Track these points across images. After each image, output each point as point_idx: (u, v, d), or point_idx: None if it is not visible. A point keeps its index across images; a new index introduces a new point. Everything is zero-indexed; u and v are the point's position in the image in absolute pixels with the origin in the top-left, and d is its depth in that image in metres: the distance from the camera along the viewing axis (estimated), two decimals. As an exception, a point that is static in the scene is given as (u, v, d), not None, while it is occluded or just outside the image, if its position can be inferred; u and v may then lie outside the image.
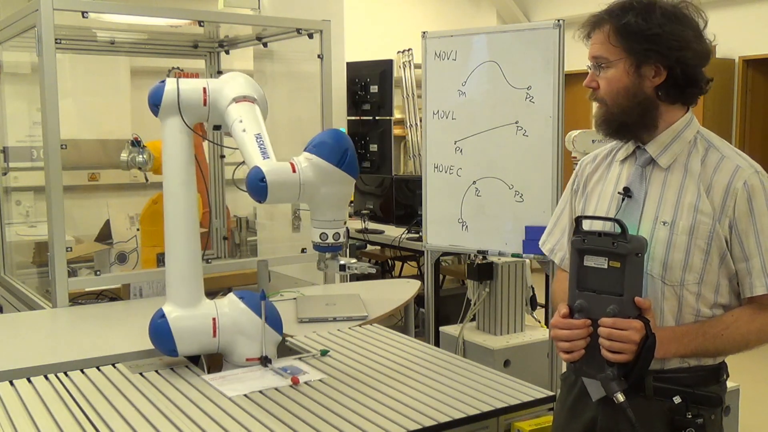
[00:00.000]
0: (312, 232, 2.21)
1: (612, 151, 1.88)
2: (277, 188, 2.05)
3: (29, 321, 2.98)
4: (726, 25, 6.92)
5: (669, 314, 1.70)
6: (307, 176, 2.09)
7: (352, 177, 2.16)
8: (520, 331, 4.02)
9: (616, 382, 1.62)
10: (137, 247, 3.55)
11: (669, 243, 1.68)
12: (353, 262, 2.27)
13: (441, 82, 3.90)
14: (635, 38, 1.67)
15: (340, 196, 2.18)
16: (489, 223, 3.79)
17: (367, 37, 7.30)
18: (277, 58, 4.12)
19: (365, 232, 5.67)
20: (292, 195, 2.12)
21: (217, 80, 2.32)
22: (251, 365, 2.19)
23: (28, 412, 1.88)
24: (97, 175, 5.17)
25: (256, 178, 2.03)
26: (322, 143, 2.14)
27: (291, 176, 2.08)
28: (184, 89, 2.24)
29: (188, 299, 2.22)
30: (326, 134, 2.20)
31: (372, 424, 1.79)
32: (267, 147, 2.12)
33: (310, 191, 2.11)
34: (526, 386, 2.04)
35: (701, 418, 1.65)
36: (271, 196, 2.05)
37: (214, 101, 2.26)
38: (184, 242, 2.26)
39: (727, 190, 1.66)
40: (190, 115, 2.25)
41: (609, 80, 1.71)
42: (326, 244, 2.21)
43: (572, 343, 1.67)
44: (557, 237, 1.97)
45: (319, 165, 2.10)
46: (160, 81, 2.28)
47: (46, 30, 2.91)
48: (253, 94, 2.26)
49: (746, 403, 3.32)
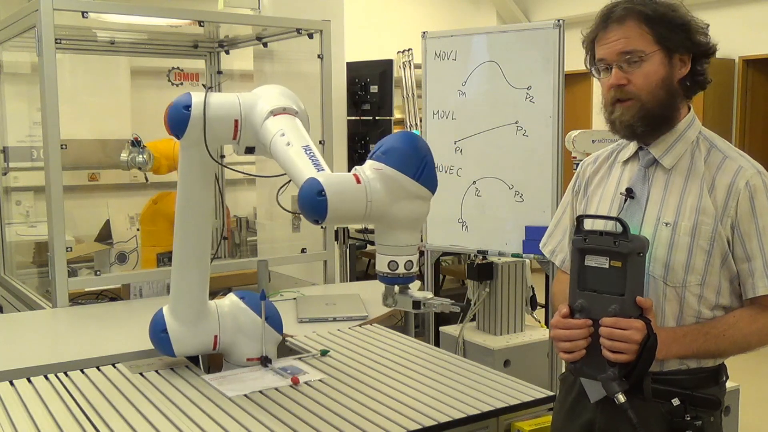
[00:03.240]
0: (378, 259, 1.79)
1: (613, 152, 1.87)
2: (339, 203, 1.66)
3: (29, 321, 2.98)
4: (726, 25, 6.92)
5: (670, 315, 1.69)
6: (376, 190, 1.70)
7: (431, 191, 1.76)
8: (520, 331, 4.02)
9: (617, 383, 1.61)
10: (137, 247, 3.56)
11: (671, 244, 1.67)
12: (430, 298, 1.82)
13: (441, 82, 3.90)
14: (667, 28, 1.65)
15: (416, 216, 1.76)
16: (489, 223, 3.79)
17: (367, 37, 7.30)
18: (277, 58, 4.12)
19: (365, 232, 5.67)
20: (357, 212, 1.70)
21: (249, 95, 2.01)
22: (252, 365, 2.19)
23: (28, 412, 1.88)
24: (97, 175, 5.17)
25: (313, 191, 1.64)
26: (394, 149, 1.74)
27: (356, 189, 1.68)
28: (213, 117, 1.93)
29: (192, 317, 2.18)
30: (398, 138, 1.78)
31: (372, 424, 1.79)
32: (320, 159, 1.78)
33: (379, 208, 1.71)
34: (526, 386, 2.04)
35: (700, 421, 1.64)
36: (331, 213, 1.65)
37: (246, 120, 1.96)
38: (195, 265, 2.15)
39: (730, 191, 1.65)
40: (217, 141, 2.00)
41: (647, 74, 1.66)
42: (396, 274, 1.78)
43: (573, 343, 1.66)
44: (558, 239, 1.96)
45: (391, 176, 1.71)
46: (183, 95, 1.97)
47: (46, 30, 2.91)
48: (294, 106, 1.98)
49: (746, 403, 3.32)
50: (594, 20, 1.73)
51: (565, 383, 1.86)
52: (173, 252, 2.15)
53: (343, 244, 4.97)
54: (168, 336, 2.16)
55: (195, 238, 2.14)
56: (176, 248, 2.15)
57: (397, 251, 1.76)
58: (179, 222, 2.11)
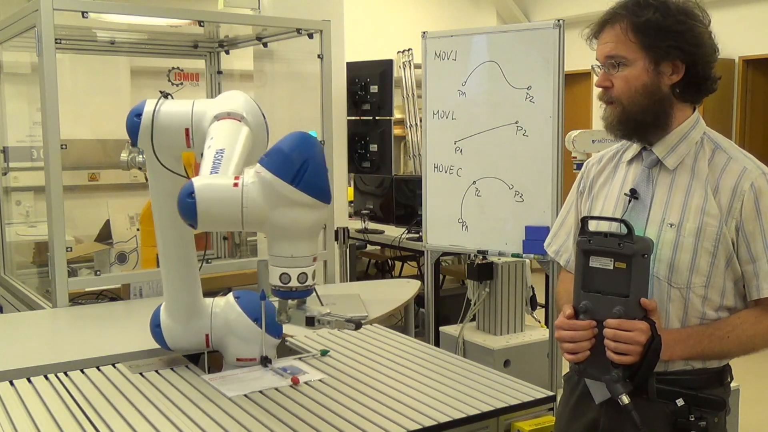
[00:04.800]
0: (270, 271, 1.71)
1: (618, 152, 1.86)
2: (210, 207, 1.60)
3: (29, 321, 2.98)
4: (726, 25, 6.92)
5: (674, 317, 1.68)
6: (252, 195, 1.61)
7: (316, 199, 1.64)
8: (520, 331, 4.03)
9: (621, 384, 1.61)
10: (137, 247, 3.55)
11: (676, 245, 1.66)
12: (326, 313, 1.76)
13: (441, 82, 3.90)
14: (656, 35, 1.65)
15: (301, 225, 1.65)
16: (489, 223, 3.79)
17: (367, 37, 7.30)
18: (277, 58, 4.12)
19: (365, 232, 5.67)
20: (232, 218, 1.62)
21: (205, 101, 1.95)
22: (244, 365, 2.18)
23: (28, 412, 1.88)
24: (97, 175, 5.15)
25: (184, 194, 1.60)
26: (275, 151, 1.65)
27: (230, 193, 1.60)
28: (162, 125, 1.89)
29: (183, 315, 2.19)
30: (285, 139, 1.68)
31: (372, 424, 1.79)
32: (225, 163, 1.68)
33: (256, 214, 1.62)
34: (526, 386, 2.04)
35: (704, 421, 1.64)
36: (203, 217, 1.60)
37: (197, 127, 1.89)
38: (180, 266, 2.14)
39: (734, 192, 1.65)
40: (173, 149, 1.95)
41: (627, 78, 1.68)
42: (288, 288, 1.71)
43: (577, 344, 1.66)
44: (563, 239, 1.96)
45: (269, 181, 1.61)
46: (140, 103, 1.96)
47: (46, 30, 2.91)
48: (241, 112, 1.87)
49: (746, 403, 3.32)
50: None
51: (570, 383, 1.85)
52: (159, 254, 2.16)
53: (343, 244, 4.97)
54: (161, 331, 2.20)
55: (174, 238, 2.11)
56: (160, 251, 2.16)
57: (289, 263, 1.68)
58: (157, 226, 2.10)
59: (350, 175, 6.01)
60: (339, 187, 4.91)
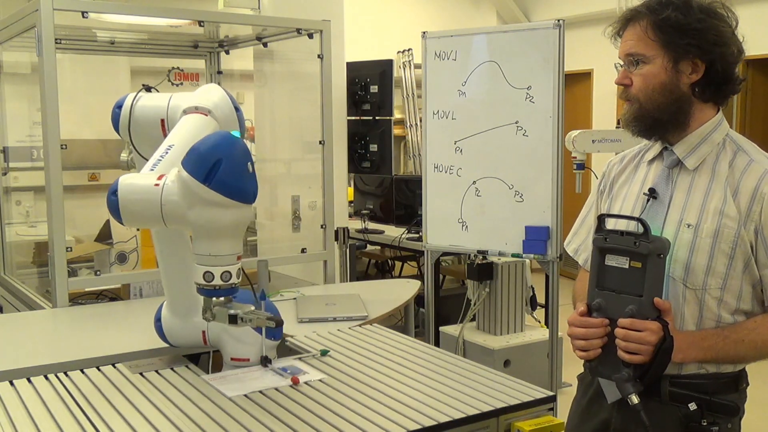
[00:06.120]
0: (194, 269, 1.74)
1: (640, 152, 1.85)
2: (131, 204, 1.66)
3: (29, 321, 2.98)
4: (726, 25, 6.91)
5: (690, 319, 1.67)
6: (170, 193, 1.64)
7: (231, 198, 1.65)
8: (520, 331, 4.03)
9: (631, 384, 1.60)
10: (137, 247, 3.55)
11: (692, 246, 1.65)
12: (248, 312, 1.80)
13: (441, 82, 3.90)
14: (675, 33, 1.64)
15: (220, 225, 1.67)
16: (489, 223, 3.79)
17: (367, 37, 7.30)
18: (277, 58, 4.12)
19: (365, 232, 5.67)
20: (153, 215, 1.66)
21: (181, 95, 1.99)
22: (239, 365, 2.18)
23: (28, 412, 1.88)
24: (97, 175, 5.16)
25: (110, 191, 1.66)
26: (192, 150, 1.65)
27: (150, 191, 1.65)
28: (140, 117, 1.96)
29: (182, 311, 2.21)
30: (205, 138, 1.69)
31: (372, 424, 1.79)
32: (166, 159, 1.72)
33: (175, 212, 1.65)
34: (526, 386, 2.04)
35: (717, 426, 1.63)
36: (126, 214, 1.66)
37: (171, 120, 1.95)
38: (176, 263, 2.16)
39: (754, 195, 1.63)
40: (152, 140, 1.96)
41: (645, 76, 1.67)
42: (212, 286, 1.74)
43: (588, 341, 1.66)
44: (582, 237, 1.95)
45: (185, 180, 1.63)
46: (123, 96, 2.04)
47: (46, 30, 2.91)
48: (209, 106, 1.90)
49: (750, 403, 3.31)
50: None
51: (583, 382, 1.85)
52: (155, 250, 2.19)
53: (343, 244, 4.97)
54: (161, 325, 2.23)
55: (167, 232, 2.12)
56: (155, 246, 2.20)
57: (212, 261, 1.70)
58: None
59: (350, 175, 6.02)
60: (339, 187, 4.91)
